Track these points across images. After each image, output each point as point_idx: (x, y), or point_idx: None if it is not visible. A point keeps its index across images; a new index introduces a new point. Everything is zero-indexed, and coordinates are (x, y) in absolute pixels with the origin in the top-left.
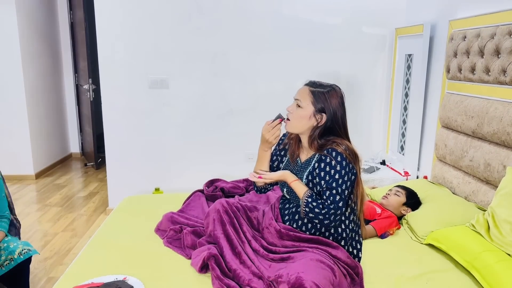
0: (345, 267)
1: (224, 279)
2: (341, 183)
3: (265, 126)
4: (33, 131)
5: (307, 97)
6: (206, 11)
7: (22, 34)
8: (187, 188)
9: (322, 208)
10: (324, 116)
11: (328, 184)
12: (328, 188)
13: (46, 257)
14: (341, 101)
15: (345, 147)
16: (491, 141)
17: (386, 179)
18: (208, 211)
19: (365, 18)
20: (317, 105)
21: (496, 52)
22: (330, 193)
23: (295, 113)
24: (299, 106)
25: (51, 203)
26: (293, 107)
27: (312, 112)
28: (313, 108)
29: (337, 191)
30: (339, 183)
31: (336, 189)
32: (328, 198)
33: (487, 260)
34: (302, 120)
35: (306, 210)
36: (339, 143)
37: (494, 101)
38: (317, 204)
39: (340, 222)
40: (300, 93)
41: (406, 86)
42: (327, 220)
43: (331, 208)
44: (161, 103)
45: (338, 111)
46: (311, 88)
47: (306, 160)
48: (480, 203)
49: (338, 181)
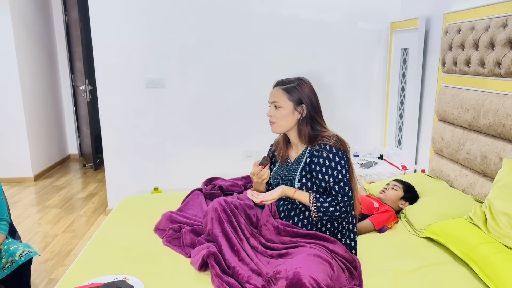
0: (343, 261)
1: (223, 277)
2: (344, 173)
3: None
4: (31, 133)
5: (282, 95)
6: (202, 9)
7: (17, 35)
8: (186, 187)
9: (336, 205)
10: (303, 106)
11: (335, 178)
12: (335, 182)
13: (47, 259)
14: (312, 88)
15: (335, 138)
16: (487, 134)
17: (384, 173)
18: (207, 210)
19: (360, 14)
20: (294, 99)
21: (491, 45)
22: (339, 187)
23: (277, 114)
24: (278, 107)
25: (50, 204)
26: (272, 111)
27: (292, 107)
28: (291, 103)
29: (344, 183)
30: (343, 173)
31: (343, 180)
32: (339, 192)
33: (485, 252)
34: (287, 117)
35: (319, 215)
36: (329, 136)
37: (489, 94)
38: (328, 203)
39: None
40: (274, 95)
41: (402, 80)
42: (344, 213)
43: (345, 200)
44: (158, 102)
45: (313, 98)
46: (282, 86)
47: (297, 158)
48: (477, 196)
49: (341, 171)
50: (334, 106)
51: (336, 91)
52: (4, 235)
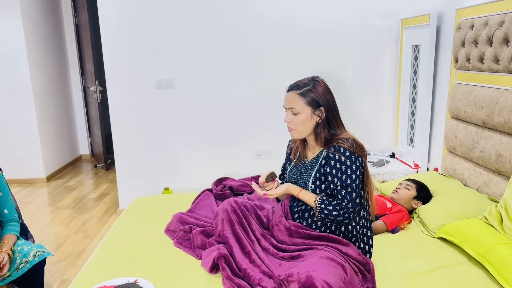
0: (356, 264)
1: (234, 279)
2: (354, 179)
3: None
4: (43, 135)
5: (299, 101)
6: (210, 9)
7: (28, 38)
8: (196, 187)
9: (339, 209)
10: (322, 109)
11: (343, 182)
12: (342, 187)
13: (60, 259)
14: (327, 87)
15: (351, 141)
16: (502, 131)
17: (396, 172)
18: (217, 211)
19: (370, 10)
20: (312, 103)
21: (505, 41)
22: (345, 192)
23: (295, 120)
24: (295, 114)
25: (62, 205)
26: (290, 117)
27: (311, 112)
28: (309, 108)
29: (352, 188)
30: (352, 178)
31: (351, 186)
32: (344, 197)
33: (501, 253)
34: (306, 122)
35: (321, 216)
36: (345, 138)
37: (504, 91)
38: (332, 207)
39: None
40: (290, 101)
41: (414, 77)
42: (346, 219)
43: (349, 207)
44: (167, 102)
45: (330, 98)
46: (297, 91)
47: (313, 159)
48: (492, 195)
49: (351, 176)
50: (345, 104)
51: (347, 89)
52: (15, 235)
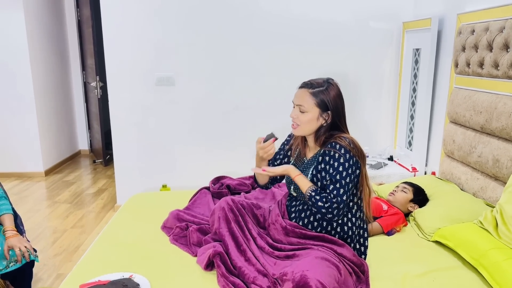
0: (350, 265)
1: (229, 277)
2: (345, 176)
3: (259, 145)
4: (42, 129)
5: (309, 100)
6: (212, 8)
7: (29, 32)
8: (193, 184)
9: (325, 202)
10: (329, 113)
11: (332, 177)
12: (332, 181)
13: (56, 254)
14: (339, 92)
15: (349, 141)
16: (499, 137)
17: (394, 175)
18: (214, 209)
19: (372, 13)
20: (321, 105)
21: (505, 46)
22: (334, 187)
23: (301, 118)
24: (303, 112)
25: (60, 200)
26: (296, 113)
27: (318, 114)
28: (317, 109)
29: (340, 184)
30: (343, 175)
31: (340, 182)
32: (331, 192)
33: (495, 257)
34: (311, 122)
35: (309, 204)
36: (344, 137)
37: (503, 96)
38: (320, 198)
39: (347, 220)
40: (300, 97)
41: (414, 81)
42: (330, 214)
43: (333, 202)
44: (167, 100)
45: (340, 104)
46: (310, 90)
47: (312, 157)
48: (488, 200)
49: (342, 173)
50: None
51: (347, 91)
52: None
